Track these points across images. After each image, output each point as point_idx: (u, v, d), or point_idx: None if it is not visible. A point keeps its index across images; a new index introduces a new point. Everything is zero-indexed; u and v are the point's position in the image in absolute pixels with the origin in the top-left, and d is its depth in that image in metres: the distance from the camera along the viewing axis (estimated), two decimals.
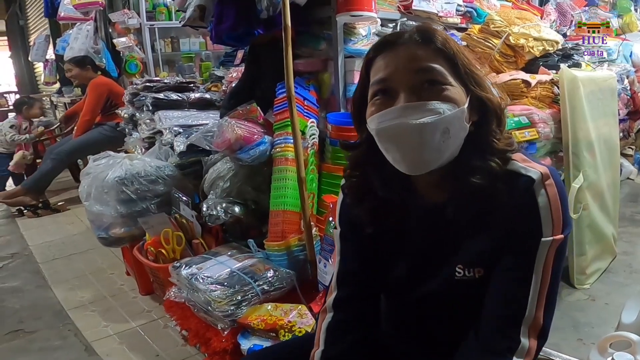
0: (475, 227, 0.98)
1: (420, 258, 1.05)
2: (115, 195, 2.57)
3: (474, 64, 0.99)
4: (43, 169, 4.64)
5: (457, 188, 0.96)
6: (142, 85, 3.35)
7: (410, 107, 0.90)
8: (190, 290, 2.05)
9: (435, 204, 1.01)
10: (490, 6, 3.02)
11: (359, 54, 2.32)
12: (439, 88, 0.92)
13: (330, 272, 1.99)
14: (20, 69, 9.59)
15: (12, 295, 2.85)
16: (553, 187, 0.94)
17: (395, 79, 0.93)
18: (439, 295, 1.04)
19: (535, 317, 0.93)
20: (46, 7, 6.02)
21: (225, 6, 2.47)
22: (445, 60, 0.94)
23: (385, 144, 0.95)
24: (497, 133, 0.98)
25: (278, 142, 2.27)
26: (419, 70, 0.93)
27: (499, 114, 0.99)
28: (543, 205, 0.92)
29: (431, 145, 0.91)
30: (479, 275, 0.98)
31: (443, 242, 1.02)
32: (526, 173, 0.95)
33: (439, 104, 0.90)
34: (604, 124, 2.64)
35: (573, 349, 2.00)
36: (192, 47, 5.47)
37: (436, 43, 0.95)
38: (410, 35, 0.97)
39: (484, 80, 0.99)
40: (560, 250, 0.94)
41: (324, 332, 1.11)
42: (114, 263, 3.18)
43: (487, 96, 0.97)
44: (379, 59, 0.98)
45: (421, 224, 1.04)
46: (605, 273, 2.66)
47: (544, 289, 0.93)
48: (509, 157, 0.97)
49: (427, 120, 0.89)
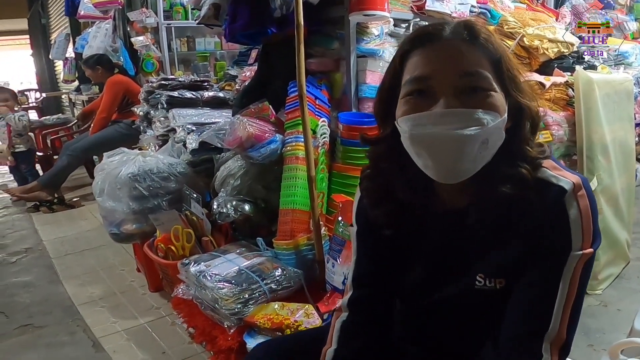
0: (499, 235, 0.94)
1: (438, 263, 1.02)
2: (127, 191, 2.59)
3: (517, 67, 0.93)
4: (59, 165, 4.69)
5: (481, 194, 0.92)
6: (158, 83, 3.36)
7: (452, 114, 0.84)
8: (198, 287, 2.05)
9: (457, 209, 0.98)
10: (504, 7, 3.00)
11: (371, 53, 2.32)
12: (483, 94, 0.86)
13: (339, 272, 1.99)
14: (41, 67, 9.73)
15: (24, 290, 2.88)
16: (585, 198, 0.89)
17: (436, 80, 0.87)
18: (456, 302, 1.01)
19: (559, 332, 0.89)
20: (67, 5, 6.10)
21: (239, 5, 2.48)
22: (490, 63, 0.89)
23: (417, 149, 0.90)
24: (531, 140, 0.94)
25: (289, 141, 2.27)
26: (465, 74, 0.86)
27: (536, 121, 0.94)
28: (574, 218, 0.88)
29: (469, 157, 0.86)
30: (500, 286, 0.94)
31: (463, 249, 0.98)
32: (557, 182, 0.90)
33: (483, 113, 0.84)
34: (619, 128, 2.60)
35: (584, 355, 1.99)
36: (208, 46, 5.51)
37: (482, 42, 0.89)
38: (455, 30, 0.90)
39: (524, 84, 0.94)
40: (588, 264, 0.90)
41: (338, 331, 1.10)
42: (125, 259, 3.20)
43: (526, 102, 0.92)
44: (417, 52, 0.91)
45: (441, 229, 1.01)
46: (618, 279, 2.62)
47: (569, 303, 0.89)
48: (540, 163, 0.93)
49: (470, 132, 0.83)
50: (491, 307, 0.96)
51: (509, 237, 0.93)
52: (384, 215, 1.03)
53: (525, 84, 0.95)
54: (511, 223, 0.92)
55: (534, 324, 0.90)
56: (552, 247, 0.89)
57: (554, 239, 0.89)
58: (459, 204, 0.97)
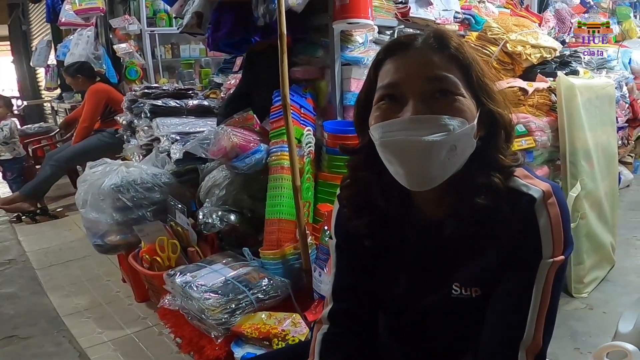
0: (473, 245, 0.95)
1: (418, 274, 1.03)
2: (111, 202, 2.57)
3: (488, 75, 0.95)
4: (42, 175, 4.63)
5: (457, 206, 0.93)
6: (141, 92, 3.35)
7: (419, 121, 0.86)
8: (185, 298, 2.04)
9: (433, 220, 0.98)
10: (489, 13, 3.03)
11: (355, 61, 2.33)
12: (450, 99, 0.88)
13: (326, 281, 1.99)
14: (22, 74, 9.62)
15: (8, 302, 2.84)
16: (555, 206, 0.90)
17: (405, 85, 0.89)
18: (437, 311, 1.02)
19: (534, 339, 0.90)
20: (48, 12, 6.07)
21: (222, 13, 2.48)
22: (459, 69, 0.90)
23: (388, 156, 0.91)
24: (505, 149, 0.94)
25: (274, 151, 2.27)
26: (432, 79, 0.88)
27: (509, 130, 0.95)
28: (544, 226, 0.89)
29: (436, 163, 0.87)
30: (476, 295, 0.96)
31: (441, 259, 0.99)
32: (527, 191, 0.91)
33: (450, 119, 0.86)
34: (602, 133, 2.63)
35: (570, 358, 2.01)
36: (192, 53, 5.48)
37: (451, 50, 0.91)
38: (425, 40, 0.92)
39: (497, 93, 0.95)
40: (560, 271, 0.91)
41: (319, 343, 1.10)
42: (110, 270, 3.17)
43: (498, 111, 0.93)
44: (389, 61, 0.93)
45: (419, 239, 1.02)
46: (604, 282, 2.65)
47: (543, 310, 0.90)
48: (512, 172, 0.94)
49: (435, 138, 0.85)
50: (469, 315, 0.97)
51: (483, 247, 0.94)
52: (364, 225, 1.03)
53: (499, 93, 0.96)
54: (485, 233, 0.93)
55: (509, 333, 0.91)
56: (523, 256, 0.90)
57: (525, 247, 0.90)
58: (437, 215, 0.98)
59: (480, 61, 0.95)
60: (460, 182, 0.92)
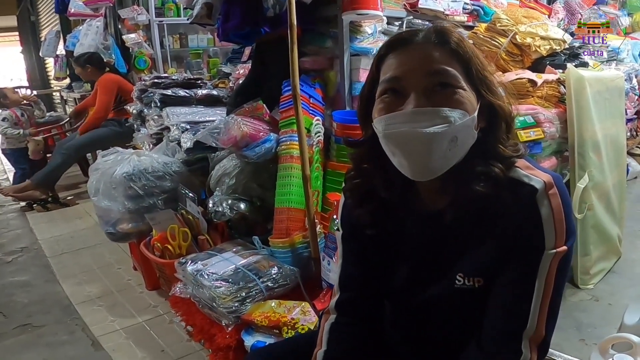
0: (476, 235, 0.96)
1: (421, 263, 1.04)
2: (123, 191, 2.60)
3: (488, 69, 0.97)
4: (52, 164, 4.66)
5: (458, 194, 0.95)
6: (151, 81, 3.37)
7: (420, 113, 0.88)
8: (196, 286, 2.07)
9: (435, 209, 1.00)
10: (497, 4, 3.02)
11: (364, 52, 2.33)
12: (450, 91, 0.90)
13: (334, 270, 2.00)
14: (32, 64, 9.66)
15: (21, 290, 2.88)
16: (557, 196, 0.91)
17: (406, 79, 0.92)
18: (440, 302, 1.03)
19: (537, 330, 0.92)
20: (57, 3, 6.08)
21: (232, 4, 2.49)
22: (459, 64, 0.93)
23: (391, 147, 0.94)
24: (505, 140, 0.97)
25: (283, 140, 2.29)
26: (433, 72, 0.91)
27: (509, 121, 0.97)
28: (546, 217, 0.90)
29: (438, 153, 0.89)
30: (479, 285, 0.97)
31: (443, 249, 1.01)
32: (529, 182, 0.92)
33: (450, 111, 0.88)
34: (611, 125, 2.62)
35: (575, 349, 2.00)
36: (200, 43, 5.49)
37: (452, 45, 0.93)
38: (426, 35, 0.95)
39: (497, 86, 0.97)
40: (563, 262, 0.92)
41: (327, 333, 1.13)
42: (122, 258, 3.21)
43: (498, 103, 0.95)
44: (391, 56, 0.96)
45: (421, 229, 1.04)
46: (610, 273, 2.64)
47: (547, 300, 0.92)
48: (513, 162, 0.95)
49: (436, 129, 0.87)
50: (473, 305, 0.98)
51: (485, 237, 0.96)
52: (367, 214, 1.06)
53: (500, 85, 0.98)
54: (486, 223, 0.95)
55: (512, 323, 0.93)
56: (526, 246, 0.92)
57: (527, 238, 0.91)
58: (439, 204, 1.00)
59: (480, 55, 0.97)
60: (461, 171, 0.94)
